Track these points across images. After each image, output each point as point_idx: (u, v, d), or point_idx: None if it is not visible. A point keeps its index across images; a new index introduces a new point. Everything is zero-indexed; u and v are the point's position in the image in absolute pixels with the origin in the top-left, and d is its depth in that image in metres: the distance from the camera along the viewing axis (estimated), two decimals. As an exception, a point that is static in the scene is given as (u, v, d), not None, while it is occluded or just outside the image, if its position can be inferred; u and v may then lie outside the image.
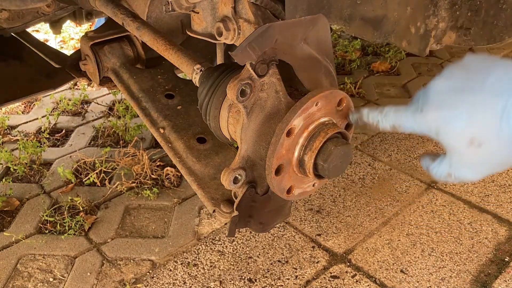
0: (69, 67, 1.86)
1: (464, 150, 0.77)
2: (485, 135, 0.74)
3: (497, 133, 0.73)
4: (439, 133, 0.79)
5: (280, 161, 0.93)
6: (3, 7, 1.53)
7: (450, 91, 0.79)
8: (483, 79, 0.76)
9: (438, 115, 0.79)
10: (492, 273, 1.79)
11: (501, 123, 0.72)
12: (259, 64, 0.89)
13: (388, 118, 0.87)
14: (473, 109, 0.75)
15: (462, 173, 0.82)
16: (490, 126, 0.73)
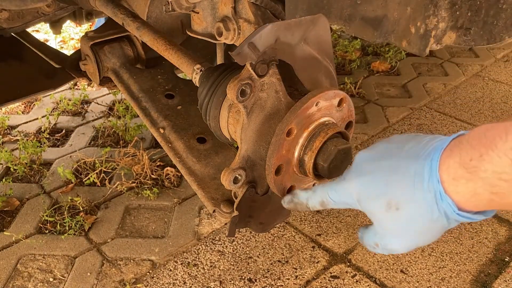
0: (69, 67, 1.86)
1: (383, 215, 0.76)
2: (400, 198, 0.73)
3: (412, 196, 0.72)
4: (359, 199, 0.79)
5: (280, 161, 0.93)
6: (3, 7, 1.53)
7: (370, 159, 0.81)
8: (401, 147, 0.77)
9: (357, 181, 0.80)
10: (492, 273, 1.79)
11: (415, 186, 0.71)
12: (259, 64, 0.89)
13: (316, 194, 0.87)
14: (388, 173, 0.75)
15: (387, 241, 0.79)
16: (406, 189, 0.73)
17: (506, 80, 3.19)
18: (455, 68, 3.35)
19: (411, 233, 0.76)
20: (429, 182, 0.70)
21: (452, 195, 0.68)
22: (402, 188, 0.73)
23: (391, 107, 2.88)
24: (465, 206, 0.69)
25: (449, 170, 0.68)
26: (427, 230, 0.74)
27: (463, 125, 2.70)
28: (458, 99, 2.97)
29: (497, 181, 0.63)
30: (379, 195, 0.76)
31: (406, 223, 0.74)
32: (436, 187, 0.69)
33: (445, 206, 0.69)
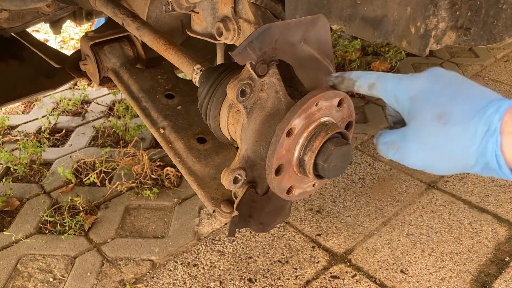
0: (69, 67, 1.85)
1: (426, 122, 0.75)
2: (454, 116, 0.73)
3: (466, 120, 0.71)
4: (414, 97, 0.78)
5: (280, 161, 0.93)
6: (3, 7, 1.53)
7: (446, 74, 0.80)
8: (477, 84, 0.77)
9: (426, 80, 0.79)
10: (492, 273, 1.79)
11: (475, 114, 0.71)
12: (259, 64, 0.89)
13: (371, 74, 0.85)
14: (458, 92, 0.75)
15: (408, 146, 0.78)
16: (464, 113, 0.72)
17: (506, 80, 3.19)
18: (455, 68, 3.35)
19: (436, 151, 0.75)
20: (490, 117, 0.69)
21: (505, 135, 0.68)
22: (461, 109, 0.73)
23: (391, 107, 2.88)
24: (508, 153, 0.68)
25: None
26: (452, 157, 0.73)
27: (463, 125, 2.69)
28: (458, 99, 2.97)
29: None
30: (436, 104, 0.75)
31: (442, 140, 0.74)
32: (493, 123, 0.68)
33: (491, 142, 0.68)
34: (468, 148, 0.71)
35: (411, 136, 0.78)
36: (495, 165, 0.69)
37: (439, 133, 0.74)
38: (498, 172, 0.70)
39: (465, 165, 0.73)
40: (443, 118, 0.73)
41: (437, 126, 0.74)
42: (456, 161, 0.74)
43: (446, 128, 0.73)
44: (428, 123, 0.75)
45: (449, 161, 0.74)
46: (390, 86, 0.82)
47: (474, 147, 0.70)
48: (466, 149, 0.71)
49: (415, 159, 0.78)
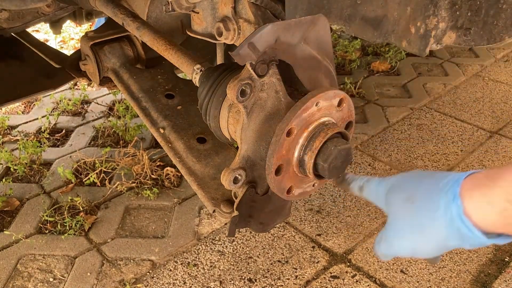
0: (69, 67, 1.86)
1: (399, 205, 0.81)
2: (421, 195, 0.79)
3: (430, 195, 0.76)
4: (388, 191, 0.85)
5: (280, 161, 0.93)
6: (3, 7, 1.53)
7: (413, 172, 0.88)
8: (444, 172, 0.82)
9: (395, 179, 0.87)
10: (492, 273, 1.79)
11: (437, 189, 0.76)
12: (259, 64, 0.89)
13: (361, 180, 0.94)
14: (422, 179, 0.82)
15: (391, 237, 0.82)
16: (428, 189, 0.78)
17: (506, 80, 3.19)
18: (455, 68, 3.35)
19: (412, 231, 0.78)
20: (451, 187, 0.73)
21: (465, 199, 0.71)
22: (425, 189, 0.79)
23: (391, 107, 2.88)
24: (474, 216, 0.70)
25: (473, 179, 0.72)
26: (428, 233, 0.76)
27: (463, 125, 2.70)
28: (458, 99, 2.97)
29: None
30: (405, 190, 0.82)
31: (414, 218, 0.78)
32: (453, 189, 0.72)
33: (453, 207, 0.71)
34: (437, 220, 0.74)
35: (391, 225, 0.83)
36: (465, 230, 0.71)
37: (410, 212, 0.79)
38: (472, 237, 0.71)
39: (442, 239, 0.75)
40: (411, 199, 0.80)
41: (407, 206, 0.80)
42: (431, 237, 0.76)
43: (414, 206, 0.78)
44: (400, 206, 0.81)
45: (426, 238, 0.77)
46: (373, 187, 0.91)
47: (442, 218, 0.73)
48: (436, 221, 0.74)
49: (399, 246, 0.81)
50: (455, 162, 2.40)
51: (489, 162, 2.40)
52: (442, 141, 2.56)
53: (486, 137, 2.60)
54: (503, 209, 0.67)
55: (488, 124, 2.71)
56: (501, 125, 2.70)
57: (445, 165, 2.38)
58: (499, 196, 0.67)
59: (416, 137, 2.60)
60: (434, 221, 0.74)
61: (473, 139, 2.58)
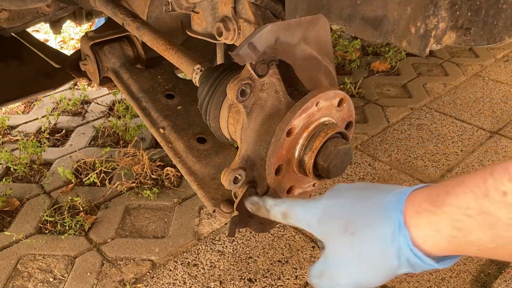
0: (69, 67, 1.86)
1: (337, 237, 0.73)
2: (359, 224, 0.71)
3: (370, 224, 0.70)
4: (321, 219, 0.77)
5: (280, 161, 0.93)
6: (3, 7, 1.53)
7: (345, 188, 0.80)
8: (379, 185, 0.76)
9: (326, 202, 0.78)
10: (492, 273, 1.79)
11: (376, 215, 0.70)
12: (259, 64, 0.89)
13: (282, 204, 0.84)
14: (357, 200, 0.74)
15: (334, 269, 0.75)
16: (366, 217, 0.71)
17: (506, 80, 3.19)
18: (455, 68, 3.35)
19: (358, 263, 0.72)
20: (392, 212, 0.68)
21: (412, 228, 0.66)
22: (363, 215, 0.72)
23: (391, 107, 2.88)
24: (423, 245, 0.65)
25: (415, 203, 0.67)
26: (375, 265, 0.70)
27: (463, 125, 2.70)
28: (458, 99, 2.97)
29: (461, 216, 0.61)
30: (340, 218, 0.74)
31: (357, 250, 0.71)
32: (397, 218, 0.67)
33: (401, 238, 0.66)
34: (384, 251, 0.68)
35: (330, 258, 0.75)
36: (416, 260, 0.66)
37: (351, 245, 0.72)
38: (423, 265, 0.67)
39: (391, 269, 0.70)
40: (350, 229, 0.72)
41: (347, 238, 0.72)
42: (380, 269, 0.70)
43: (355, 238, 0.71)
44: (338, 238, 0.73)
45: (374, 270, 0.71)
46: (300, 214, 0.80)
47: (389, 249, 0.67)
48: (383, 253, 0.68)
49: (343, 279, 0.74)
50: (455, 162, 2.40)
51: (489, 162, 2.40)
52: (442, 141, 2.56)
53: (486, 137, 2.60)
54: (451, 236, 0.63)
55: (488, 124, 2.71)
56: (501, 125, 2.70)
57: (445, 165, 2.38)
58: (445, 224, 0.63)
59: (416, 137, 2.60)
60: (382, 254, 0.68)
61: (473, 139, 2.58)
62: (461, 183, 0.63)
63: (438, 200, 0.64)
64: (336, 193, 0.79)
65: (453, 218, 0.62)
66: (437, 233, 0.64)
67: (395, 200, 0.69)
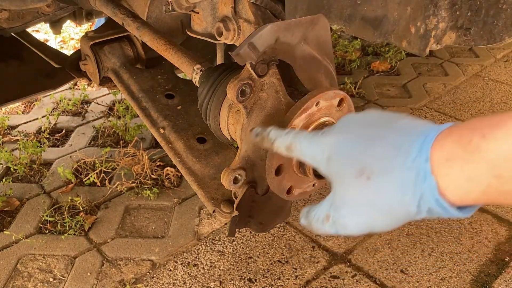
0: (69, 67, 1.86)
1: (350, 181, 0.67)
2: (376, 168, 0.65)
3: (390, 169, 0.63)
4: (330, 158, 0.70)
5: (280, 161, 0.93)
6: (3, 7, 1.53)
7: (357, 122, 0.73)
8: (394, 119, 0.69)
9: (336, 138, 0.71)
10: (492, 273, 1.79)
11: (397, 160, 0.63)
12: (259, 64, 0.89)
13: (287, 136, 0.78)
14: (372, 140, 0.67)
15: (342, 214, 0.69)
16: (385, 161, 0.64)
17: (506, 80, 3.19)
18: (455, 68, 3.35)
19: (371, 210, 0.66)
20: (415, 159, 0.61)
21: (440, 178, 0.59)
22: (381, 158, 0.64)
23: (391, 107, 2.88)
24: (451, 195, 0.59)
25: (444, 150, 0.59)
26: (390, 212, 0.65)
27: (463, 125, 2.70)
28: (458, 99, 2.97)
29: (503, 161, 0.54)
30: (354, 159, 0.67)
31: (372, 196, 0.65)
32: (421, 166, 0.60)
33: (425, 188, 0.60)
34: (403, 198, 0.62)
35: (340, 203, 0.69)
36: (439, 211, 0.61)
37: (366, 190, 0.66)
38: (445, 215, 0.61)
39: (407, 215, 0.64)
40: (365, 173, 0.65)
41: (361, 183, 0.66)
42: (396, 214, 0.65)
43: (371, 183, 0.65)
44: (351, 182, 0.67)
45: (389, 216, 0.65)
46: (305, 148, 0.75)
47: (409, 196, 0.61)
48: (401, 200, 0.62)
49: (354, 226, 0.69)
50: (455, 162, 2.40)
51: (489, 162, 2.39)
52: (442, 141, 2.56)
53: (486, 137, 2.59)
54: (487, 185, 0.57)
55: (488, 124, 2.71)
56: (501, 125, 2.70)
57: (445, 165, 2.38)
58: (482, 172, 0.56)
59: (416, 137, 2.60)
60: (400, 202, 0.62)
61: (473, 139, 2.58)
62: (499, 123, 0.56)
63: (472, 145, 0.57)
64: (347, 127, 0.72)
65: (493, 164, 0.55)
66: (471, 183, 0.58)
67: (418, 143, 0.62)
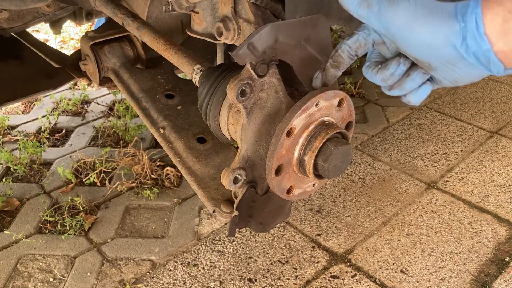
0: (69, 67, 1.85)
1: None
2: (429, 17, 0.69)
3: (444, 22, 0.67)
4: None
5: (280, 161, 0.93)
6: (3, 7, 1.53)
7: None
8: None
9: None
10: (492, 273, 1.79)
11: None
12: (259, 64, 0.89)
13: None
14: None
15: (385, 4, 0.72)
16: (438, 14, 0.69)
17: (506, 80, 3.19)
18: (455, 68, 3.35)
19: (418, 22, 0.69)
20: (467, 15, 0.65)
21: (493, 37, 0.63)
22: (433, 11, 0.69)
23: (391, 107, 2.88)
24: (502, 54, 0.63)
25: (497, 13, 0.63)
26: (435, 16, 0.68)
27: (463, 125, 2.70)
28: (458, 99, 2.97)
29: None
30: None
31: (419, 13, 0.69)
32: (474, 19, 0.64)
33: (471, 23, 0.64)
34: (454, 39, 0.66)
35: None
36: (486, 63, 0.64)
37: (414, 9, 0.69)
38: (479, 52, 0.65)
39: (449, 35, 0.67)
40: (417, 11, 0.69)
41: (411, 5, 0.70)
42: (440, 21, 0.68)
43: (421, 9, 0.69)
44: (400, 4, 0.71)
45: (433, 20, 0.68)
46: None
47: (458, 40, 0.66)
48: (448, 11, 0.66)
49: (394, 14, 0.71)
50: (455, 162, 2.40)
51: (489, 162, 2.40)
52: (442, 141, 2.56)
53: (486, 137, 2.60)
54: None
55: (488, 124, 2.71)
56: (501, 125, 2.70)
57: (445, 165, 2.38)
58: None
59: (416, 137, 2.60)
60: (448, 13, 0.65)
61: (473, 139, 2.58)
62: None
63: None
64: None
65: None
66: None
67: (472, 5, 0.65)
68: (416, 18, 0.70)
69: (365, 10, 0.75)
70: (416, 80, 0.77)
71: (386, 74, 0.78)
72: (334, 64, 0.86)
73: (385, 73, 0.78)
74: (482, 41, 0.64)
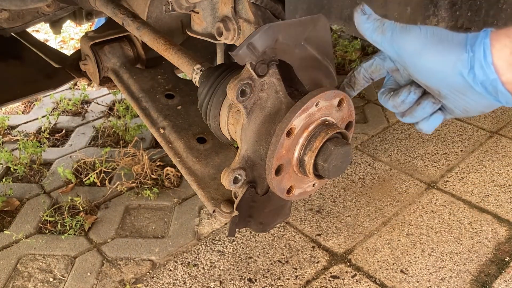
0: (69, 67, 1.85)
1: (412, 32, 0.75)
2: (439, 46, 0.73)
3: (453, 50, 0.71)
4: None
5: (280, 161, 0.93)
6: (3, 7, 1.53)
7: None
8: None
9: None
10: (492, 273, 1.79)
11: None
12: (259, 64, 0.89)
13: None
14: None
15: (397, 29, 0.77)
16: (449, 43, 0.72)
17: (506, 80, 3.19)
18: (455, 68, 3.35)
19: (430, 35, 0.73)
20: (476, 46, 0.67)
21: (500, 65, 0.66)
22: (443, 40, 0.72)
23: (391, 107, 2.88)
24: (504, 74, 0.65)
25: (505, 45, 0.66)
26: (445, 42, 0.71)
27: (463, 125, 2.70)
28: (458, 99, 2.97)
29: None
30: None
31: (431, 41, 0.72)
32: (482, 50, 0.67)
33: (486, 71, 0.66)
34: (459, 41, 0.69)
35: (399, 27, 0.77)
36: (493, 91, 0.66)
37: (425, 37, 0.73)
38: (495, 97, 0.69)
39: (456, 64, 0.70)
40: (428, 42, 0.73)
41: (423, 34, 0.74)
42: (449, 49, 0.71)
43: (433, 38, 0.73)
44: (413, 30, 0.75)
45: (443, 48, 0.72)
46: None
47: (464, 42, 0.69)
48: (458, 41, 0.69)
49: (405, 40, 0.76)
50: (455, 162, 2.40)
51: (489, 162, 2.40)
52: (442, 141, 2.56)
53: (486, 137, 2.60)
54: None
55: (488, 124, 2.71)
56: (501, 125, 2.70)
57: (445, 165, 2.38)
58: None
59: (416, 137, 2.60)
60: (458, 42, 0.69)
61: (473, 139, 2.58)
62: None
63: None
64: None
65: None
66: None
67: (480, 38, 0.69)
68: (426, 45, 0.73)
69: (379, 36, 0.80)
70: (426, 109, 0.80)
71: (397, 101, 0.82)
72: (349, 84, 0.89)
73: (396, 100, 0.82)
74: (489, 70, 0.67)
